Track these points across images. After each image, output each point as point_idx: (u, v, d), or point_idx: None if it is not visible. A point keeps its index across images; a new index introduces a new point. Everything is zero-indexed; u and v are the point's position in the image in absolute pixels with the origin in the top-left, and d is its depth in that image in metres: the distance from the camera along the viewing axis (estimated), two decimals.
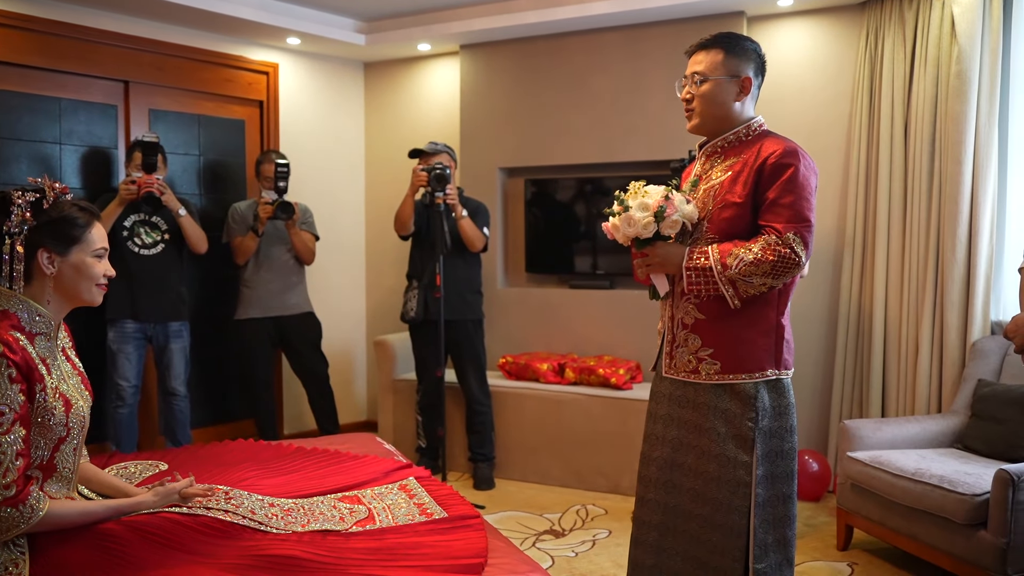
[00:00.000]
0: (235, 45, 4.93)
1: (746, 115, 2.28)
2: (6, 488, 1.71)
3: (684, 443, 2.25)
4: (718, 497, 2.18)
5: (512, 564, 1.93)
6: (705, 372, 2.20)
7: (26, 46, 4.03)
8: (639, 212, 2.17)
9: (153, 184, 3.86)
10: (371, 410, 5.70)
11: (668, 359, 2.29)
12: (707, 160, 2.32)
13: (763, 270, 2.08)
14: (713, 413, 2.19)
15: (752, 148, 2.21)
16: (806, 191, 2.12)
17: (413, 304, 4.40)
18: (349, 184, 5.65)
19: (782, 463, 2.19)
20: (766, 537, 2.16)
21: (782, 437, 2.20)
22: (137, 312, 4.00)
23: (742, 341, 2.17)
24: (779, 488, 2.19)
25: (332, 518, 2.11)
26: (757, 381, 2.17)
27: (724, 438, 2.17)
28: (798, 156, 2.13)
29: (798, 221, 2.09)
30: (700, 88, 2.25)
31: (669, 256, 2.21)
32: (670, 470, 2.28)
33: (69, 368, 2.00)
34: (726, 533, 2.17)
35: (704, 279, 2.14)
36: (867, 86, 4.16)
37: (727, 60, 2.23)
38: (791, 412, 2.21)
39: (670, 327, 2.29)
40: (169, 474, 2.36)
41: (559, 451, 4.48)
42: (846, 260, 4.23)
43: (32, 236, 1.87)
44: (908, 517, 3.13)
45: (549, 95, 4.93)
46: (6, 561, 1.72)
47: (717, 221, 2.19)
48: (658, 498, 2.30)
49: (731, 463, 2.16)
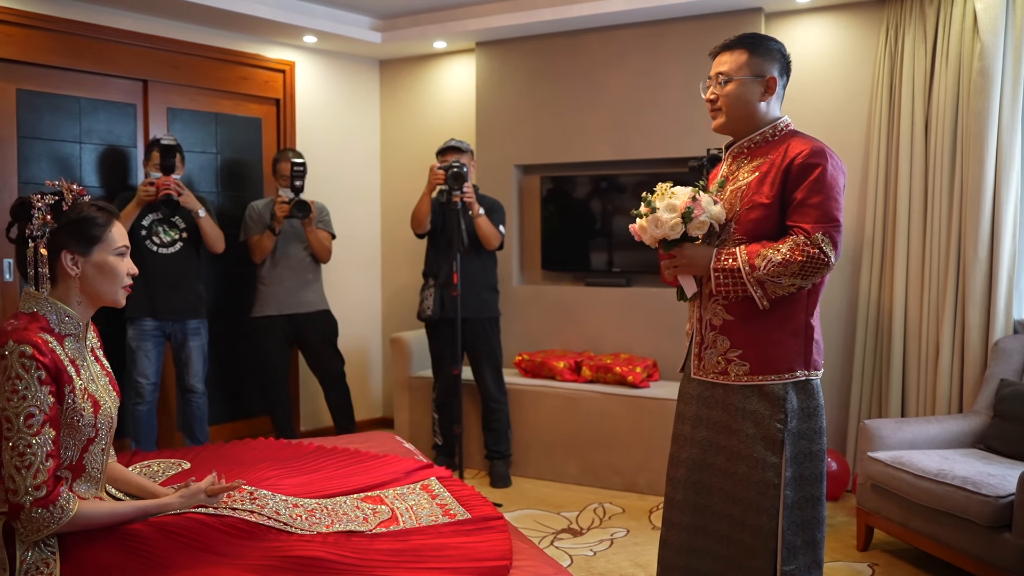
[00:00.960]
0: (252, 43, 4.94)
1: (772, 115, 2.27)
2: (37, 489, 1.73)
3: (713, 444, 2.25)
4: (747, 498, 2.17)
5: (537, 566, 1.92)
6: (734, 373, 2.19)
7: (47, 46, 4.05)
8: (666, 213, 2.16)
9: (171, 186, 3.88)
10: (387, 407, 5.72)
11: (697, 360, 2.28)
12: (733, 161, 2.31)
13: (791, 271, 2.07)
14: (742, 414, 2.19)
15: (779, 148, 2.20)
16: (834, 191, 2.11)
17: (430, 302, 4.40)
18: (364, 182, 5.66)
19: (811, 465, 2.19)
20: (795, 539, 2.16)
21: (811, 439, 2.19)
22: (156, 310, 4.02)
23: (771, 342, 2.16)
24: (808, 490, 2.18)
25: (356, 519, 2.12)
26: (786, 382, 2.16)
27: (753, 439, 2.16)
28: (826, 156, 2.12)
29: (826, 221, 2.08)
30: (725, 88, 2.24)
31: (697, 257, 2.20)
32: (700, 471, 2.28)
33: (98, 369, 2.01)
34: (756, 534, 2.16)
35: (732, 280, 2.14)
36: (887, 83, 4.13)
37: (751, 60, 2.22)
38: (820, 414, 2.20)
39: (698, 328, 2.29)
40: (193, 473, 2.38)
41: (575, 449, 4.48)
42: (865, 258, 4.20)
43: (54, 238, 1.89)
44: (930, 518, 3.11)
45: (565, 92, 4.92)
46: (37, 561, 1.74)
47: (744, 222, 2.19)
48: (687, 499, 2.30)
49: (760, 464, 2.15)
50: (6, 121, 3.96)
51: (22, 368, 1.75)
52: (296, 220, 4.38)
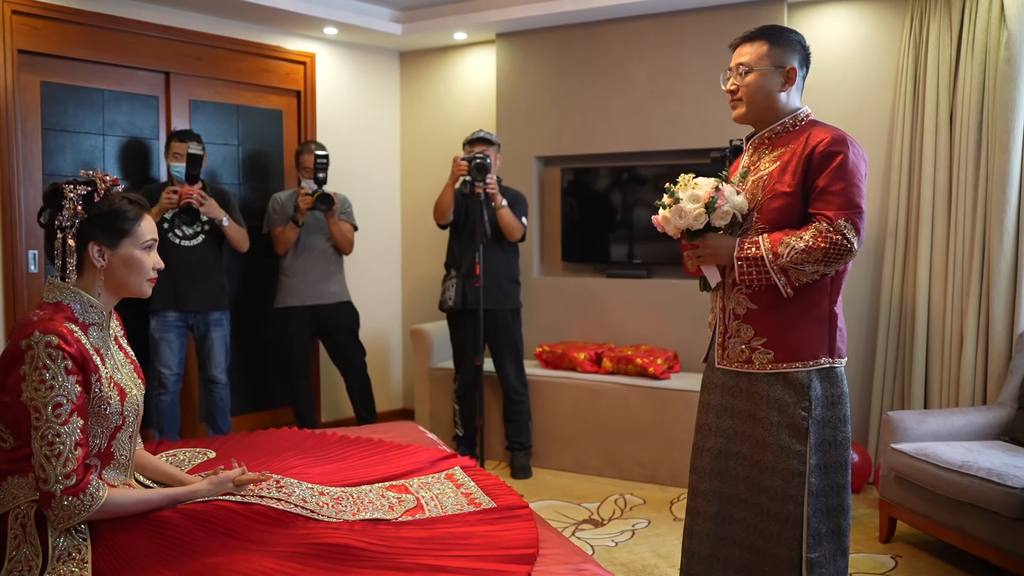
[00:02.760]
0: (273, 35, 4.96)
1: (792, 105, 2.27)
2: (67, 477, 1.74)
3: (738, 432, 2.25)
4: (773, 486, 2.18)
5: (564, 555, 1.93)
6: (759, 362, 2.19)
7: (70, 38, 4.09)
8: (690, 204, 2.17)
9: (193, 195, 3.91)
10: (407, 398, 5.74)
11: (720, 350, 2.28)
12: (755, 152, 2.32)
13: (815, 257, 2.07)
14: (767, 402, 2.19)
15: (800, 138, 2.20)
16: (856, 178, 2.11)
17: (452, 293, 4.41)
18: (385, 173, 5.67)
19: (835, 453, 2.19)
20: (820, 526, 2.16)
21: (835, 427, 2.19)
22: (179, 303, 4.05)
23: (795, 330, 2.17)
24: (833, 478, 2.19)
25: (381, 507, 2.13)
26: (811, 370, 2.16)
27: (778, 427, 2.17)
28: (847, 143, 2.13)
29: (849, 208, 2.09)
30: (745, 79, 2.25)
31: (720, 247, 2.21)
32: (725, 459, 2.28)
33: (122, 357, 2.03)
34: (782, 522, 2.16)
35: (756, 268, 2.14)
36: (911, 73, 4.09)
37: (772, 51, 2.23)
38: (844, 402, 2.21)
39: (721, 318, 2.29)
40: (218, 462, 2.40)
41: (596, 440, 4.48)
42: (888, 249, 4.17)
43: (83, 229, 1.89)
44: (954, 510, 3.09)
45: (586, 84, 4.90)
46: (69, 547, 1.76)
47: (767, 211, 2.19)
48: (713, 488, 2.30)
49: (785, 452, 2.16)
50: (31, 113, 4.00)
51: (48, 358, 1.76)
52: (319, 212, 4.40)
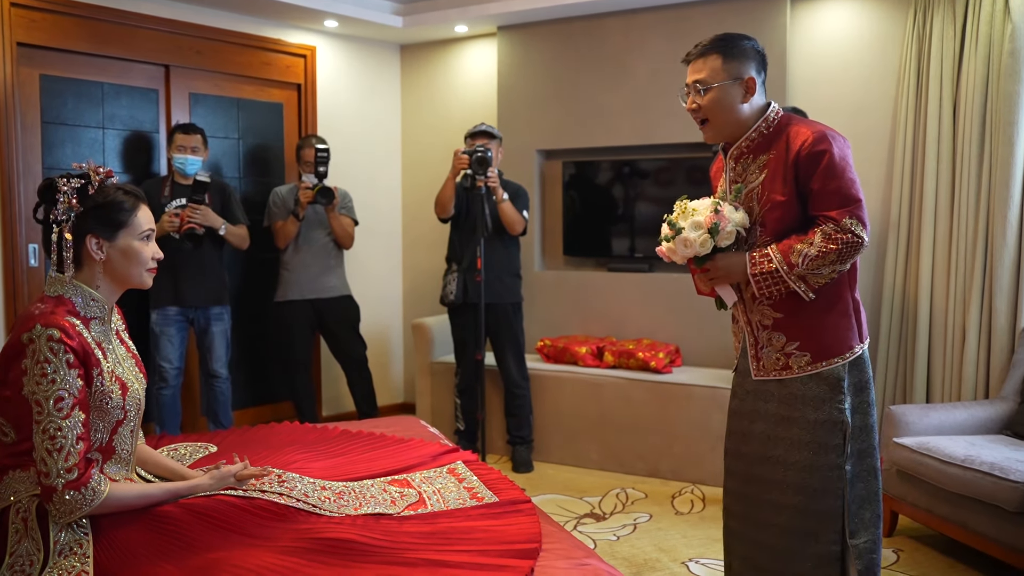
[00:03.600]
0: (273, 28, 4.93)
1: (758, 109, 2.22)
2: (68, 471, 1.74)
3: (772, 437, 2.23)
4: (812, 484, 2.16)
5: (566, 549, 1.92)
6: (796, 366, 2.18)
7: (70, 31, 4.07)
8: (693, 232, 2.15)
9: (195, 218, 3.92)
10: (408, 393, 5.73)
11: (755, 362, 2.26)
12: (737, 163, 2.27)
13: (830, 259, 2.07)
14: (801, 401, 2.18)
15: (780, 140, 2.17)
16: (847, 171, 2.10)
17: (453, 287, 4.40)
18: (385, 167, 5.65)
19: (866, 438, 2.20)
20: (862, 512, 2.17)
21: (865, 412, 2.20)
22: (180, 297, 4.05)
23: (825, 327, 2.16)
24: (866, 463, 2.20)
25: (384, 502, 2.12)
26: (846, 362, 2.16)
27: (814, 425, 2.16)
28: (827, 139, 2.10)
29: (849, 203, 2.08)
30: (704, 97, 2.21)
31: (731, 266, 2.19)
32: (760, 465, 2.25)
33: (123, 351, 2.02)
34: (823, 519, 2.15)
35: (772, 281, 2.13)
36: (914, 66, 4.07)
37: (727, 64, 2.18)
38: (870, 386, 2.22)
39: (750, 331, 2.27)
40: (220, 457, 2.39)
41: (598, 435, 4.47)
42: (891, 243, 4.15)
43: (79, 222, 1.88)
44: (956, 504, 3.09)
45: (587, 77, 4.88)
46: (70, 542, 1.75)
47: (769, 223, 2.18)
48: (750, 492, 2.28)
49: (823, 448, 2.15)
50: (30, 107, 3.98)
51: (50, 352, 1.76)
52: (319, 206, 4.39)
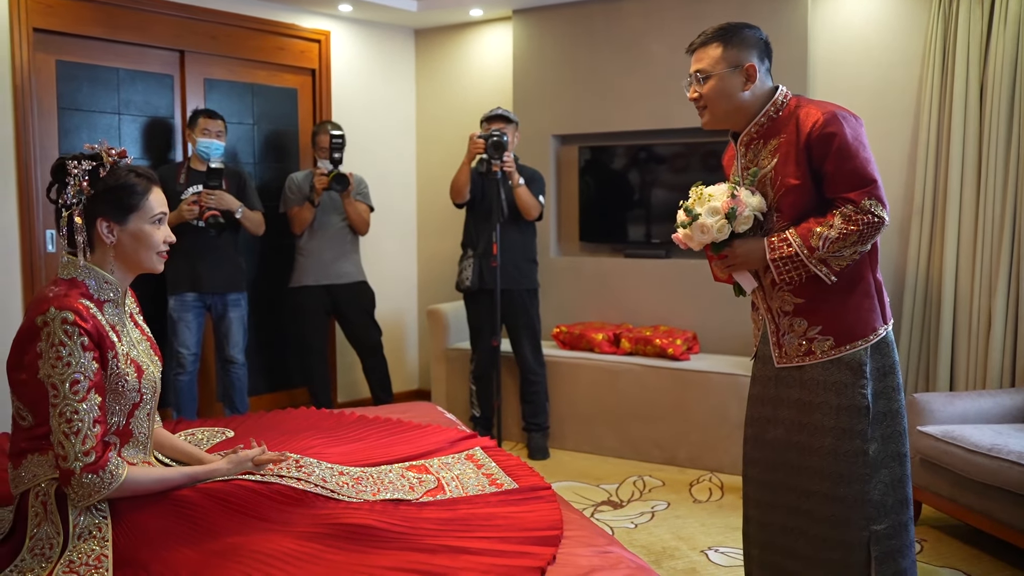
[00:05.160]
0: (287, 13, 4.90)
1: (765, 93, 2.19)
2: (86, 455, 1.72)
3: (795, 423, 2.20)
4: (837, 470, 2.13)
5: (588, 536, 1.90)
6: (819, 351, 2.15)
7: (85, 17, 4.05)
8: (710, 217, 2.12)
9: (211, 204, 3.92)
10: (423, 379, 5.71)
11: (777, 349, 2.22)
12: (748, 149, 2.24)
13: (851, 241, 2.04)
14: (823, 387, 2.15)
15: (790, 123, 2.14)
16: (861, 150, 2.06)
17: (468, 273, 4.37)
18: (400, 152, 5.62)
19: (892, 423, 2.16)
20: (885, 498, 2.13)
21: (889, 397, 2.16)
22: (197, 284, 4.05)
23: (847, 310, 2.13)
24: (893, 448, 2.16)
25: (402, 487, 2.10)
26: (869, 345, 2.13)
27: (837, 410, 2.13)
28: (838, 119, 2.06)
29: (866, 184, 2.04)
30: (704, 85, 2.19)
31: (750, 252, 2.16)
32: (783, 451, 2.23)
33: (138, 334, 2.00)
34: (849, 505, 2.12)
35: (793, 266, 2.10)
36: (939, 46, 3.98)
37: (727, 52, 2.17)
38: (896, 371, 2.18)
39: (771, 318, 2.23)
40: (237, 442, 2.38)
41: (614, 422, 4.44)
42: (914, 228, 4.08)
43: (90, 205, 1.85)
44: (982, 494, 3.04)
45: (604, 61, 4.83)
46: (89, 525, 1.74)
47: (784, 208, 2.14)
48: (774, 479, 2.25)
49: (847, 434, 2.12)
50: (46, 92, 3.97)
51: (65, 335, 1.74)
52: (335, 192, 4.37)
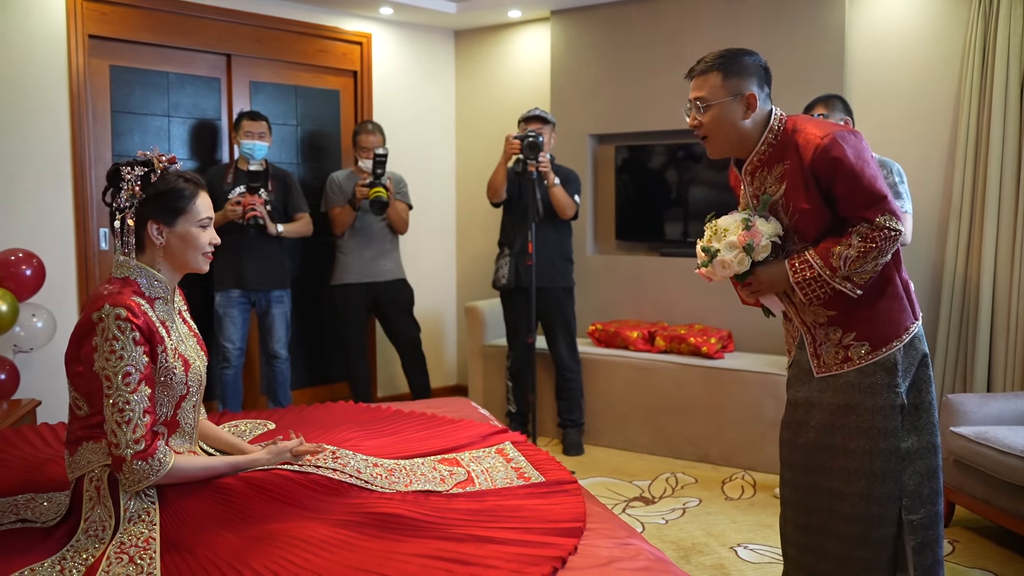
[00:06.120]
0: (330, 16, 5.02)
1: (762, 119, 2.20)
2: (136, 443, 1.84)
3: (829, 426, 2.23)
4: (873, 470, 2.16)
5: (610, 529, 1.96)
6: (857, 356, 2.18)
7: (137, 23, 4.21)
8: (729, 253, 2.17)
9: (256, 206, 4.05)
10: (461, 375, 5.81)
11: (815, 359, 2.25)
12: (753, 178, 2.26)
13: (871, 256, 2.07)
14: (858, 390, 2.18)
15: (791, 148, 2.16)
16: (866, 169, 2.07)
17: (505, 271, 4.44)
18: (440, 152, 5.71)
19: (925, 415, 2.19)
20: (920, 489, 2.16)
21: (920, 389, 2.19)
22: (242, 281, 4.19)
23: (879, 313, 2.16)
24: (926, 438, 2.19)
25: (433, 479, 2.18)
26: (903, 344, 2.16)
27: (872, 412, 2.16)
28: (838, 142, 2.08)
29: (878, 201, 2.07)
30: (705, 115, 2.20)
31: (774, 277, 2.20)
32: (819, 454, 2.25)
33: (186, 330, 2.11)
34: (884, 503, 2.15)
35: (817, 285, 2.13)
36: (979, 45, 3.95)
37: (726, 82, 2.17)
38: (927, 363, 2.21)
39: (807, 330, 2.27)
40: (277, 433, 2.48)
41: (648, 419, 4.48)
42: (952, 229, 4.05)
43: (142, 208, 1.98)
44: (1015, 496, 3.03)
45: (641, 60, 4.86)
46: (139, 509, 1.86)
47: (801, 232, 2.18)
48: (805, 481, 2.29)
49: (882, 434, 2.15)
50: (101, 96, 4.14)
51: (118, 330, 1.86)
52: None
